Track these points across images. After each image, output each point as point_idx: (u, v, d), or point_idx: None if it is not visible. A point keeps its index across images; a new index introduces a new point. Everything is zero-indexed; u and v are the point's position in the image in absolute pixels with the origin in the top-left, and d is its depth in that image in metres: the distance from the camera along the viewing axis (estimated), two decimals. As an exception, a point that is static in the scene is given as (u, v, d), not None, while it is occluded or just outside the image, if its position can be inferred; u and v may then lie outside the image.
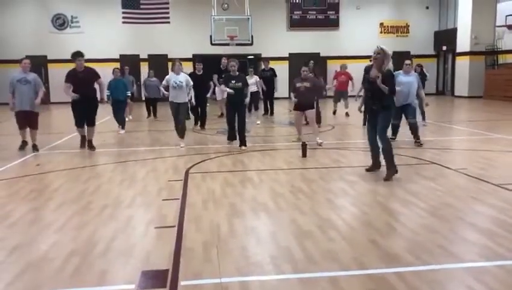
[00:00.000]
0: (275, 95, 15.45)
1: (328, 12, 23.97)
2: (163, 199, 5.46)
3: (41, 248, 3.98)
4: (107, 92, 10.66)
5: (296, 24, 23.91)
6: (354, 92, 12.88)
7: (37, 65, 20.48)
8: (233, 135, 9.35)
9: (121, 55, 22.47)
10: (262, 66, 15.91)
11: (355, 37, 23.59)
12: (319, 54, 23.56)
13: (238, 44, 19.61)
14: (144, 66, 21.67)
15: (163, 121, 13.85)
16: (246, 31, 19.16)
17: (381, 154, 6.35)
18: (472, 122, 12.88)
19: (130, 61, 20.44)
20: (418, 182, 6.01)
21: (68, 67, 9.18)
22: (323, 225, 4.41)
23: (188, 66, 17.55)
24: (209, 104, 13.34)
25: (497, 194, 5.41)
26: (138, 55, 22.85)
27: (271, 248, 3.92)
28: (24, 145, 8.92)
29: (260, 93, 13.76)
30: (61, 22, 22.86)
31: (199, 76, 11.38)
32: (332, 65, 21.87)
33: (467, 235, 4.18)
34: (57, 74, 20.17)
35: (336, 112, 14.63)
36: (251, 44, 19.60)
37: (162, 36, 22.75)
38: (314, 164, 7.36)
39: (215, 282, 3.28)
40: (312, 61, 11.88)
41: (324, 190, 5.82)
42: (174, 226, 4.45)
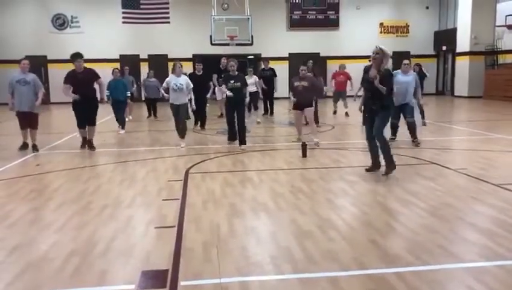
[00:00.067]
0: (275, 95, 15.46)
1: (328, 12, 23.97)
2: (163, 199, 5.46)
3: (41, 248, 3.98)
4: (107, 92, 10.66)
5: (296, 24, 23.91)
6: (352, 92, 12.90)
7: (37, 65, 20.54)
8: (233, 135, 9.36)
9: (121, 56, 22.47)
10: (262, 66, 15.93)
11: (355, 37, 23.59)
12: (319, 54, 23.57)
13: (238, 44, 19.61)
14: (144, 66, 21.68)
15: (163, 121, 13.85)
16: (246, 31, 19.16)
17: (380, 152, 6.37)
18: (472, 122, 12.88)
19: (130, 61, 20.43)
20: (418, 182, 6.01)
21: (68, 68, 9.18)
22: (323, 225, 4.41)
23: (188, 66, 17.57)
24: (209, 104, 13.36)
25: (497, 194, 5.41)
26: (138, 55, 22.86)
27: (271, 248, 3.92)
28: (25, 147, 8.92)
29: (260, 93, 13.75)
30: (61, 22, 22.86)
31: (199, 76, 11.39)
32: (332, 65, 21.86)
33: (467, 235, 4.18)
34: (57, 74, 20.14)
35: (336, 112, 14.69)
36: (251, 44, 19.60)
37: (162, 36, 22.75)
38: (314, 164, 7.36)
39: (215, 282, 3.28)
40: (311, 61, 11.88)
41: (324, 190, 5.82)
42: (174, 226, 4.45)
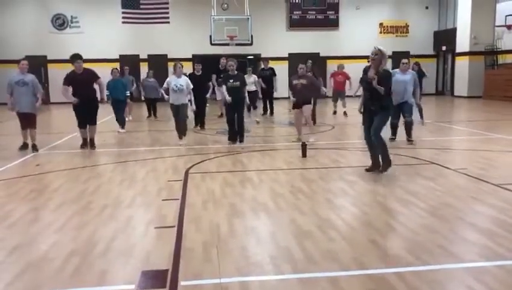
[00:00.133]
0: (275, 95, 15.45)
1: (327, 12, 23.98)
2: (163, 199, 5.46)
3: (41, 248, 3.98)
4: (107, 92, 10.67)
5: (295, 24, 23.91)
6: (351, 92, 12.95)
7: (37, 65, 20.57)
8: (233, 135, 9.37)
9: (120, 56, 22.46)
10: (262, 66, 15.93)
11: (354, 37, 23.59)
12: (319, 54, 23.58)
13: (237, 44, 19.61)
14: (144, 66, 21.68)
15: (163, 121, 13.85)
16: (246, 31, 19.16)
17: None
18: (472, 122, 12.88)
19: (129, 61, 20.42)
20: (418, 182, 6.01)
21: (68, 68, 9.19)
22: (323, 225, 4.41)
23: (188, 66, 17.57)
24: (209, 104, 13.36)
25: (497, 194, 5.41)
26: (138, 56, 22.86)
27: (271, 248, 3.92)
28: (25, 147, 8.92)
29: (259, 92, 13.77)
30: (61, 22, 22.86)
31: (198, 76, 11.40)
32: (332, 65, 21.81)
33: (467, 235, 4.18)
34: (56, 74, 20.12)
35: (336, 112, 14.71)
36: (251, 44, 19.60)
37: (162, 36, 22.75)
38: (314, 164, 7.36)
39: (215, 282, 3.28)
40: (310, 61, 11.90)
41: (324, 190, 5.82)
42: (174, 226, 4.45)
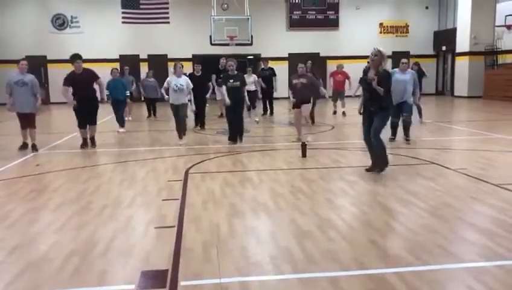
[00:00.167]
0: (274, 95, 15.45)
1: (327, 12, 23.97)
2: (163, 199, 5.46)
3: (41, 248, 3.97)
4: (107, 92, 10.68)
5: (295, 24, 23.91)
6: (351, 92, 12.98)
7: (37, 65, 20.58)
8: (234, 135, 9.38)
9: (120, 56, 22.46)
10: (262, 66, 15.93)
11: (354, 37, 23.60)
12: (319, 54, 23.57)
13: (237, 44, 19.61)
14: (144, 66, 21.68)
15: (163, 121, 13.85)
16: (246, 31, 19.16)
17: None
18: (472, 122, 12.88)
19: (129, 61, 20.42)
20: (418, 182, 6.01)
21: (68, 68, 9.19)
22: (323, 225, 4.41)
23: (188, 67, 17.56)
24: (209, 104, 13.36)
25: (496, 194, 5.41)
26: (138, 56, 22.86)
27: (271, 248, 3.92)
28: (25, 147, 8.92)
29: (259, 92, 13.77)
30: (61, 22, 22.85)
31: (198, 77, 11.40)
32: (332, 65, 21.80)
33: (467, 235, 4.18)
34: (56, 74, 20.12)
35: (336, 112, 14.73)
36: (251, 44, 19.60)
37: (162, 36, 22.75)
38: (314, 164, 7.36)
39: (215, 282, 3.28)
40: (310, 62, 11.92)
41: (324, 190, 5.82)
42: (173, 227, 4.45)
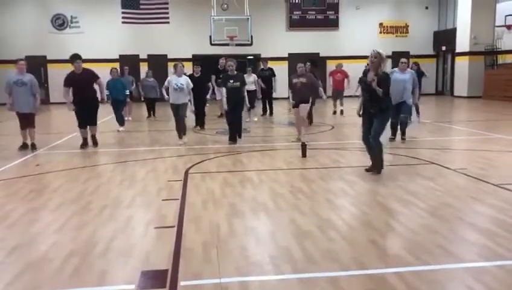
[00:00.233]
0: (274, 95, 15.45)
1: (327, 12, 23.96)
2: (162, 199, 5.46)
3: (41, 248, 3.97)
4: (107, 92, 10.69)
5: (295, 24, 23.90)
6: (351, 92, 13.04)
7: (37, 65, 20.58)
8: (233, 135, 9.39)
9: (120, 56, 22.45)
10: (262, 66, 15.93)
11: (354, 37, 23.58)
12: (319, 54, 23.55)
13: (237, 44, 19.59)
14: (144, 66, 21.65)
15: (163, 121, 13.85)
16: (246, 31, 19.14)
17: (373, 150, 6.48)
18: (471, 123, 12.88)
19: (129, 61, 20.42)
20: (418, 182, 6.01)
21: (68, 68, 9.18)
22: (322, 225, 4.41)
23: (188, 67, 17.55)
24: (209, 104, 13.36)
25: (496, 194, 5.41)
26: (138, 56, 22.84)
27: (270, 248, 3.92)
28: (25, 147, 8.92)
29: (258, 92, 13.77)
30: (60, 22, 22.85)
31: (197, 78, 11.39)
32: (331, 65, 21.83)
33: (467, 235, 4.18)
34: (56, 74, 20.12)
35: (336, 112, 14.74)
36: (250, 44, 19.57)
37: (162, 36, 22.74)
38: (313, 164, 7.36)
39: (215, 282, 3.28)
40: (309, 63, 11.94)
41: (324, 190, 5.82)
42: (173, 227, 4.45)
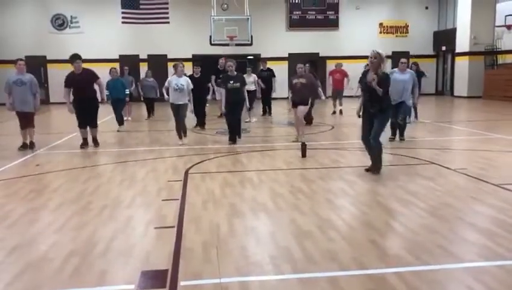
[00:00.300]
0: (273, 95, 15.44)
1: (327, 12, 23.98)
2: (162, 199, 5.46)
3: (41, 248, 3.97)
4: (106, 92, 10.71)
5: (295, 24, 23.90)
6: (352, 92, 13.07)
7: (37, 65, 20.60)
8: (233, 135, 9.39)
9: (120, 56, 22.45)
10: (261, 67, 15.93)
11: (354, 37, 23.59)
12: (319, 54, 23.59)
13: (237, 44, 19.60)
14: (144, 67, 21.65)
15: (163, 121, 13.85)
16: (246, 31, 19.14)
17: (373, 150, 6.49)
18: (471, 123, 12.88)
19: (129, 61, 20.42)
20: (418, 182, 6.01)
21: (67, 68, 9.18)
22: (322, 225, 4.41)
23: (188, 67, 17.55)
24: (209, 105, 13.36)
25: (496, 194, 5.41)
26: (138, 56, 22.86)
27: (270, 248, 3.92)
28: (25, 147, 8.92)
29: (258, 92, 13.77)
30: (60, 22, 22.85)
31: (197, 78, 11.39)
32: (331, 65, 21.84)
33: (467, 235, 4.18)
34: (56, 74, 20.16)
35: (336, 112, 14.76)
36: (250, 44, 19.58)
37: (162, 36, 22.75)
38: (313, 164, 7.36)
39: (215, 282, 3.28)
40: (308, 64, 11.97)
41: (324, 190, 5.82)
42: (173, 227, 4.45)
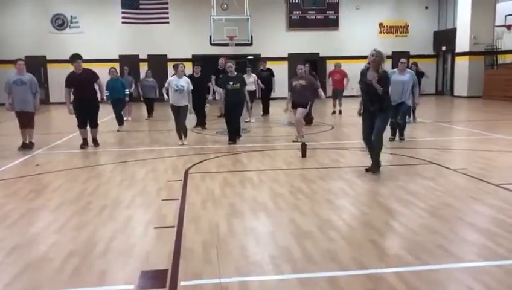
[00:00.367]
0: (272, 95, 15.44)
1: (327, 12, 23.97)
2: (162, 199, 5.45)
3: (41, 248, 3.97)
4: (106, 92, 10.71)
5: (295, 24, 23.90)
6: (353, 92, 13.09)
7: (37, 65, 20.60)
8: (233, 135, 9.39)
9: (120, 56, 22.45)
10: (261, 67, 15.94)
11: (354, 37, 23.59)
12: (319, 54, 23.58)
13: (237, 44, 19.61)
14: (144, 67, 21.66)
15: (163, 121, 13.85)
16: (246, 31, 19.14)
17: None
18: (471, 122, 12.88)
19: (129, 61, 20.43)
20: (418, 182, 6.00)
21: (67, 68, 9.19)
22: (322, 225, 4.41)
23: (188, 67, 17.56)
24: (209, 105, 13.36)
25: (496, 194, 5.41)
26: (138, 56, 22.85)
27: (270, 248, 3.92)
28: (24, 147, 8.92)
29: (257, 92, 13.78)
30: (60, 22, 22.85)
31: (197, 78, 11.39)
32: (331, 65, 21.84)
33: (467, 235, 4.18)
34: (56, 74, 20.18)
35: (336, 112, 14.77)
36: (250, 44, 19.59)
37: (162, 36, 22.74)
38: (313, 164, 7.35)
39: (215, 282, 3.28)
40: (307, 65, 11.98)
41: (324, 190, 5.81)
42: (173, 227, 4.45)
